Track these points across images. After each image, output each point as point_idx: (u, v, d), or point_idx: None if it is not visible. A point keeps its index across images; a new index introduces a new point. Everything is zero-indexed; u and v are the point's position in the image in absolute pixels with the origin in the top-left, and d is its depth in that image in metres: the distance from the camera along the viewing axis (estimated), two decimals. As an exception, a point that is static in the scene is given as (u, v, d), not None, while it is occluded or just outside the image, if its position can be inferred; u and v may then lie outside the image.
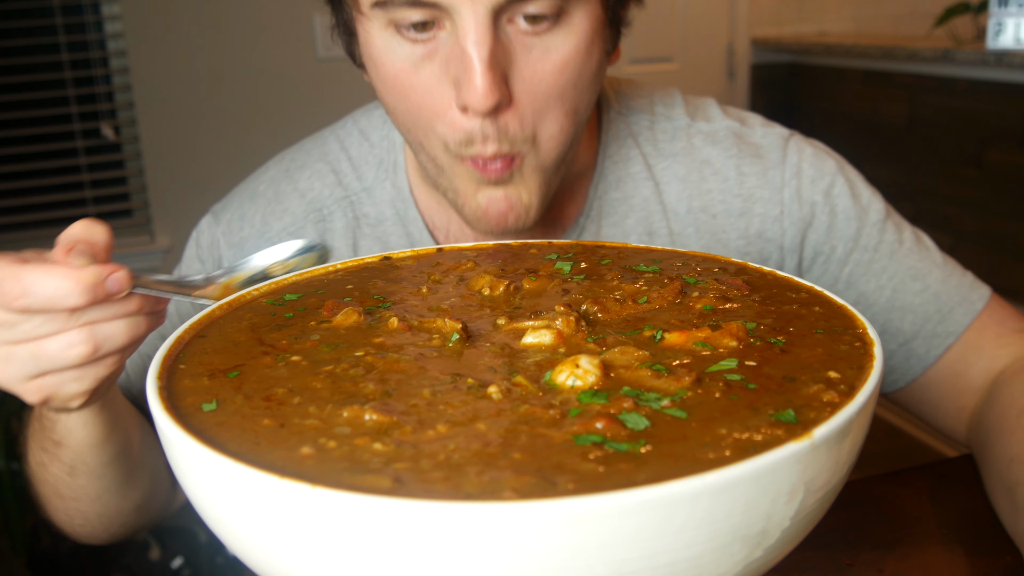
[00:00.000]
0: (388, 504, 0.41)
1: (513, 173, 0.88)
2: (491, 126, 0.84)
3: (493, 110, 0.82)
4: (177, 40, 3.18)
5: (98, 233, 0.64)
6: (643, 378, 0.55)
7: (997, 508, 0.85)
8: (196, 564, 2.35)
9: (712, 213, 1.06)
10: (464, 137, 0.85)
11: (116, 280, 0.61)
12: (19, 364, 0.63)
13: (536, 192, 0.91)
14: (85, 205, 3.22)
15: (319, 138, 1.13)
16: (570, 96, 0.87)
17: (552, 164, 0.90)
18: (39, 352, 0.63)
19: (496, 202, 0.90)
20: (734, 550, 0.45)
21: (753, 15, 4.07)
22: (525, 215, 0.91)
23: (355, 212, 1.06)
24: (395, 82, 0.87)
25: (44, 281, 0.59)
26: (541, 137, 0.88)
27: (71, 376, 0.65)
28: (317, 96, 3.34)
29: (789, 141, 1.09)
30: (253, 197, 1.09)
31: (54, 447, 0.83)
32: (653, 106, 1.11)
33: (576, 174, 1.05)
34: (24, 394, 0.66)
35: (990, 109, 3.07)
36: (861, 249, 1.05)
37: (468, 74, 0.81)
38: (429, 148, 0.90)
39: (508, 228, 0.91)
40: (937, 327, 1.03)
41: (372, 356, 0.60)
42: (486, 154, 0.86)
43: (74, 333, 0.62)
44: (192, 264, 1.10)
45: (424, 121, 0.88)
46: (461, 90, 0.82)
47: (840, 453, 0.49)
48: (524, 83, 0.84)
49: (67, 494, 0.90)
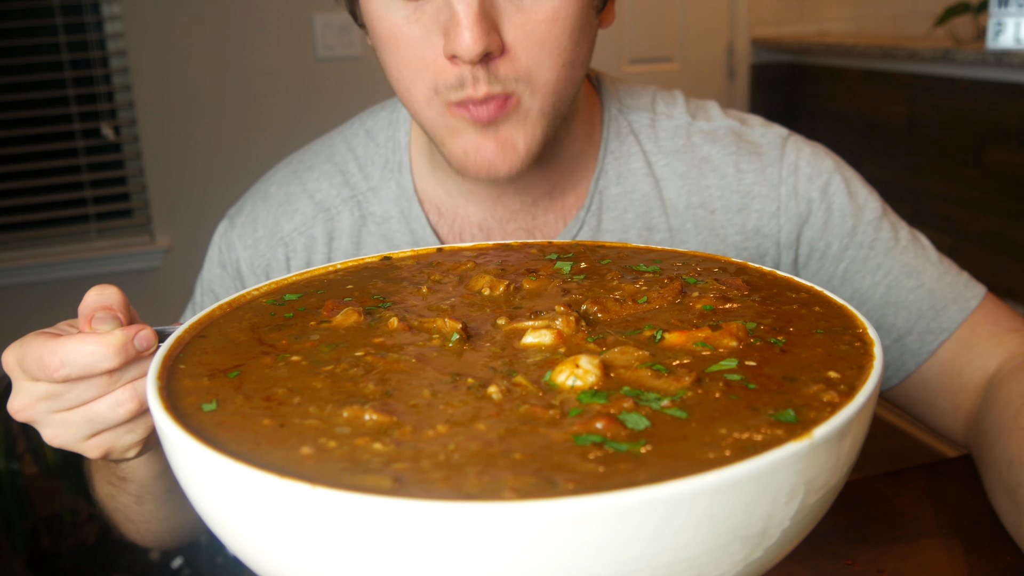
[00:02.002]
0: (388, 504, 0.41)
1: (509, 116, 0.89)
2: (481, 70, 0.86)
3: (482, 58, 0.84)
4: (177, 40, 3.18)
5: (112, 296, 0.68)
6: (643, 378, 0.55)
7: (998, 510, 0.85)
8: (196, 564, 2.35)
9: (711, 209, 1.07)
10: (455, 80, 0.87)
11: (142, 339, 0.66)
12: (75, 428, 0.69)
13: (529, 137, 0.91)
14: (85, 205, 3.22)
15: (327, 139, 1.16)
16: (566, 47, 0.89)
17: (549, 110, 0.91)
18: (90, 415, 0.68)
19: (486, 145, 0.90)
20: (734, 550, 0.45)
21: (753, 15, 4.07)
22: (516, 160, 0.91)
23: (361, 211, 1.09)
24: (388, 36, 0.89)
25: (78, 351, 0.64)
26: (537, 81, 0.89)
27: (124, 430, 0.71)
28: (317, 96, 3.34)
29: (788, 140, 1.10)
30: (265, 199, 1.12)
31: (120, 482, 0.88)
32: (655, 104, 1.12)
33: (578, 168, 1.07)
34: (85, 452, 0.71)
35: (990, 109, 3.07)
36: (856, 246, 1.06)
37: (455, 24, 0.83)
38: (418, 101, 0.91)
39: (500, 174, 0.92)
40: (931, 323, 1.03)
41: (372, 356, 0.60)
42: (477, 96, 0.87)
43: (119, 392, 0.67)
44: (213, 269, 1.13)
45: (413, 71, 0.89)
46: (449, 39, 0.84)
47: (840, 453, 0.49)
48: (516, 31, 0.86)
49: (137, 519, 0.96)
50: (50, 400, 0.67)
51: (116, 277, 3.22)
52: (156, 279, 3.28)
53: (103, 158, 3.25)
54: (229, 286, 1.11)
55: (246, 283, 1.10)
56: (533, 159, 0.93)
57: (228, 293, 1.11)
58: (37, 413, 0.68)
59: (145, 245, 3.26)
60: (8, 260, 3.12)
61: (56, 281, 3.16)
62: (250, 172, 1.15)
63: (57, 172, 3.19)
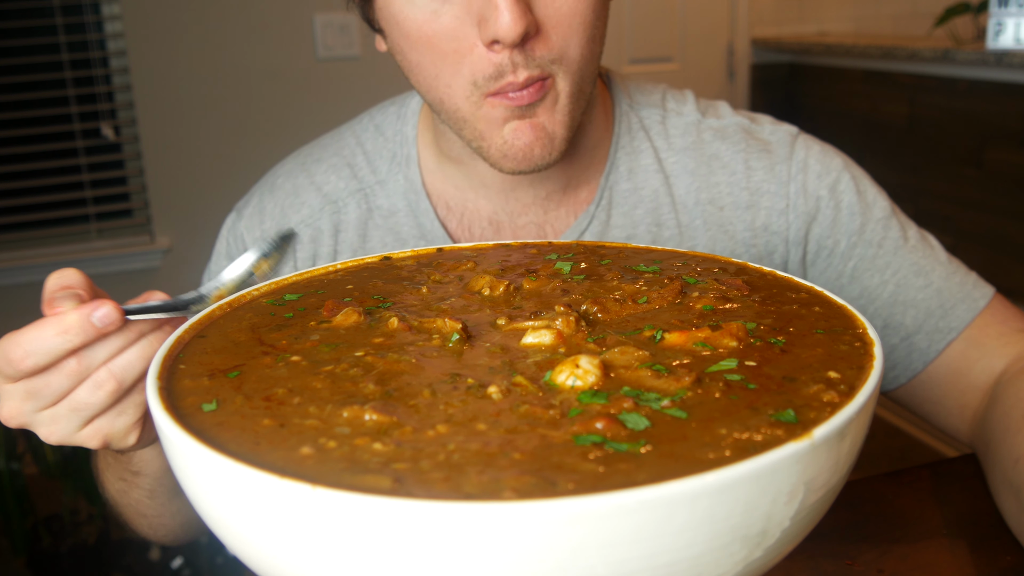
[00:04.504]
0: (388, 504, 0.41)
1: (544, 98, 0.89)
2: (520, 55, 0.86)
3: (522, 39, 0.84)
4: (177, 40, 3.18)
5: (70, 276, 0.68)
6: (643, 378, 0.55)
7: (1002, 508, 0.85)
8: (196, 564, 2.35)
9: (720, 205, 1.08)
10: (494, 71, 0.87)
11: (102, 316, 0.64)
12: (65, 421, 0.68)
13: (561, 123, 0.91)
14: (85, 205, 3.22)
15: (336, 133, 1.16)
16: (591, 22, 0.89)
17: (576, 92, 0.92)
18: (74, 404, 0.67)
19: (523, 132, 0.90)
20: (734, 550, 0.45)
21: (753, 15, 4.07)
22: (551, 146, 0.92)
23: (368, 204, 1.09)
24: (418, 34, 0.88)
25: (38, 336, 0.63)
26: (569, 59, 0.89)
27: (114, 414, 0.70)
28: (317, 96, 3.34)
29: (797, 138, 1.11)
30: (272, 190, 1.12)
31: (132, 477, 0.88)
32: (665, 101, 1.13)
33: (592, 162, 1.08)
34: (84, 443, 0.70)
35: (990, 109, 3.07)
36: (865, 244, 1.07)
37: (493, 8, 0.83)
38: (453, 97, 0.91)
39: (536, 161, 0.92)
40: (939, 322, 1.04)
41: (372, 356, 0.60)
42: (519, 81, 0.87)
43: (96, 375, 0.67)
44: (220, 261, 1.13)
45: (450, 66, 0.89)
46: (489, 24, 0.84)
47: (840, 453, 0.49)
48: (546, 8, 0.86)
49: (149, 513, 0.96)
50: (33, 399, 0.67)
51: (116, 277, 3.22)
52: (156, 279, 3.28)
53: (103, 158, 3.25)
54: None
55: None
56: (566, 144, 0.93)
57: None
58: (25, 415, 0.68)
59: (145, 245, 3.26)
60: (8, 260, 3.12)
61: (56, 281, 3.16)
62: (250, 172, 1.15)
63: (57, 172, 3.18)
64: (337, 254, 1.08)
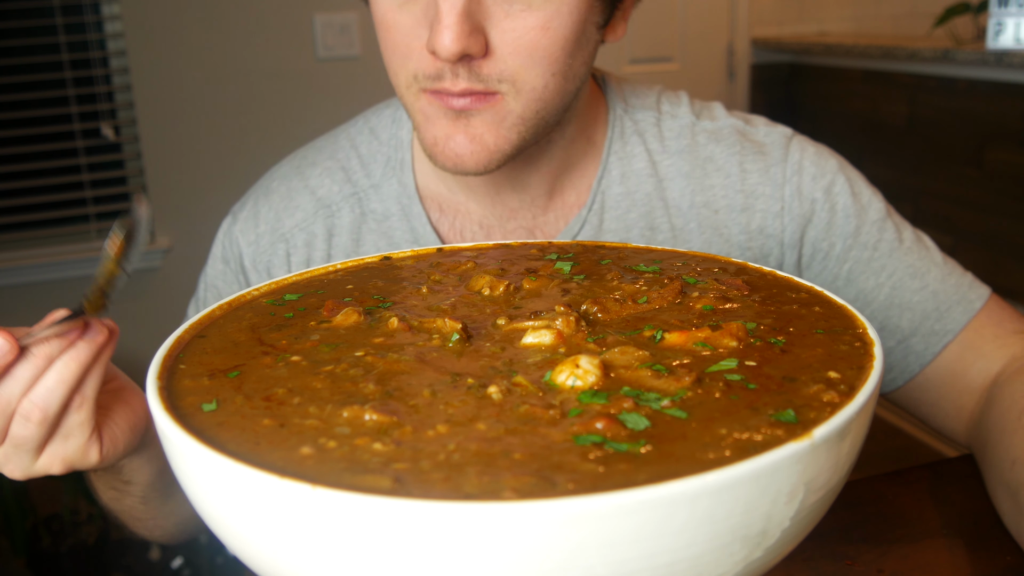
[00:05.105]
0: (388, 504, 0.41)
1: (484, 111, 0.89)
2: (462, 68, 0.87)
3: (461, 58, 0.85)
4: (177, 40, 3.18)
5: None
6: (643, 378, 0.55)
7: (1000, 509, 0.85)
8: (196, 564, 2.35)
9: (714, 208, 1.07)
10: (435, 72, 0.88)
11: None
12: (16, 458, 0.68)
13: (502, 138, 0.91)
14: (85, 205, 3.22)
15: (331, 136, 1.16)
16: (557, 58, 0.89)
17: (531, 117, 0.91)
18: (14, 440, 0.67)
19: (456, 136, 0.91)
20: (734, 550, 0.45)
21: (753, 15, 4.07)
22: (484, 156, 0.91)
23: (362, 208, 1.09)
24: (382, 19, 0.91)
25: None
26: (523, 86, 0.89)
27: (60, 439, 0.68)
28: (317, 96, 3.34)
29: (792, 140, 1.10)
30: (267, 194, 1.12)
31: (124, 486, 0.88)
32: (659, 104, 1.13)
33: (578, 167, 1.07)
34: (46, 472, 0.70)
35: (990, 109, 3.07)
36: (860, 246, 1.06)
37: (437, 22, 0.84)
38: (398, 85, 0.93)
39: (467, 167, 0.92)
40: (935, 325, 1.03)
41: (372, 356, 0.60)
42: (453, 90, 0.88)
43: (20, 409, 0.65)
44: (216, 264, 1.13)
45: (399, 57, 0.91)
46: (431, 35, 0.85)
47: (840, 453, 0.49)
48: (504, 35, 0.86)
49: (144, 517, 0.96)
50: None
51: (116, 277, 3.21)
52: (156, 279, 3.28)
53: (103, 158, 3.25)
54: (232, 282, 1.11)
55: (249, 279, 1.10)
56: (505, 158, 0.93)
57: (231, 289, 1.11)
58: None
59: (145, 245, 3.25)
60: (8, 260, 3.12)
61: (56, 281, 3.16)
62: (250, 172, 1.15)
63: (57, 172, 3.18)
64: (331, 258, 1.08)
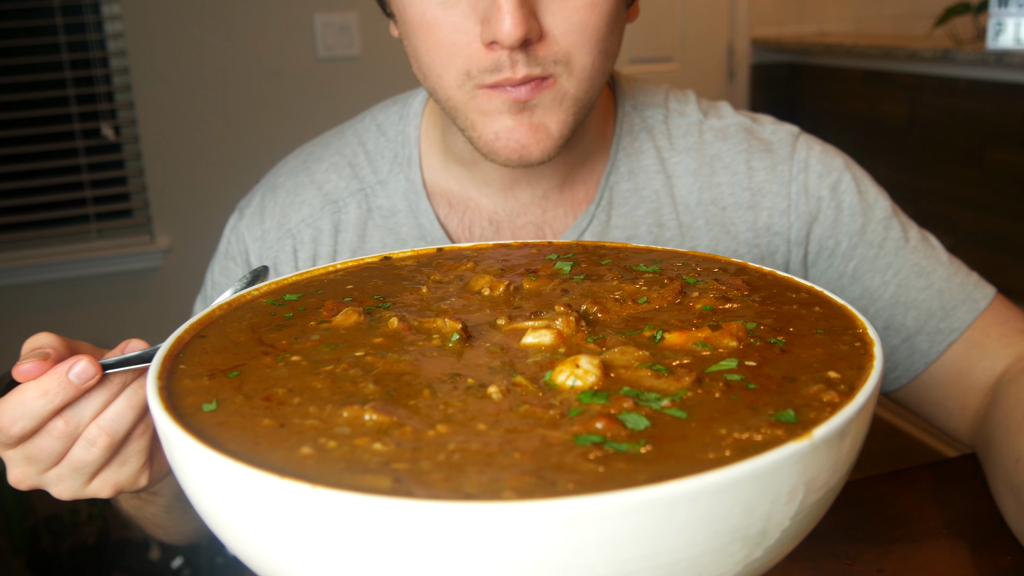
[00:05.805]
0: (388, 504, 0.41)
1: (544, 96, 0.89)
2: (520, 54, 0.86)
3: (522, 44, 0.85)
4: (177, 40, 3.18)
5: (41, 338, 0.68)
6: (643, 378, 0.55)
7: (1002, 508, 0.85)
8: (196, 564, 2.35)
9: (722, 206, 1.08)
10: (492, 64, 0.87)
11: (81, 370, 0.64)
12: (70, 480, 0.69)
13: (562, 122, 0.91)
14: (85, 205, 3.22)
15: (338, 132, 1.16)
16: (603, 34, 0.89)
17: (582, 97, 0.91)
18: (73, 464, 0.68)
19: (519, 128, 0.90)
20: (734, 550, 0.45)
21: (753, 15, 4.07)
22: (550, 143, 0.91)
23: (369, 204, 1.09)
24: (421, 20, 0.89)
25: (20, 399, 0.64)
26: (575, 65, 0.89)
27: (116, 465, 0.70)
28: (317, 96, 3.34)
29: (799, 138, 1.11)
30: (273, 190, 1.12)
31: (150, 496, 0.89)
32: (667, 102, 1.14)
33: (588, 162, 1.08)
34: (96, 495, 0.70)
35: (990, 109, 3.07)
36: (866, 244, 1.07)
37: (496, 10, 0.83)
38: (445, 87, 0.91)
39: (532, 157, 0.92)
40: (940, 323, 1.04)
41: (372, 356, 0.60)
42: (516, 78, 0.87)
43: (86, 433, 0.67)
44: (222, 261, 1.13)
45: (445, 56, 0.89)
46: (490, 25, 0.84)
47: (840, 453, 0.49)
48: (555, 16, 0.87)
49: (166, 525, 0.97)
50: (33, 463, 0.67)
51: (116, 277, 3.22)
52: (156, 279, 3.28)
53: (103, 158, 3.25)
54: (238, 278, 1.11)
55: None
56: (564, 143, 0.93)
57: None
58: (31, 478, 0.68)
59: (145, 245, 3.26)
60: (8, 260, 3.12)
61: (56, 281, 3.16)
62: (250, 172, 1.15)
63: (57, 172, 3.18)
64: (337, 254, 1.08)
